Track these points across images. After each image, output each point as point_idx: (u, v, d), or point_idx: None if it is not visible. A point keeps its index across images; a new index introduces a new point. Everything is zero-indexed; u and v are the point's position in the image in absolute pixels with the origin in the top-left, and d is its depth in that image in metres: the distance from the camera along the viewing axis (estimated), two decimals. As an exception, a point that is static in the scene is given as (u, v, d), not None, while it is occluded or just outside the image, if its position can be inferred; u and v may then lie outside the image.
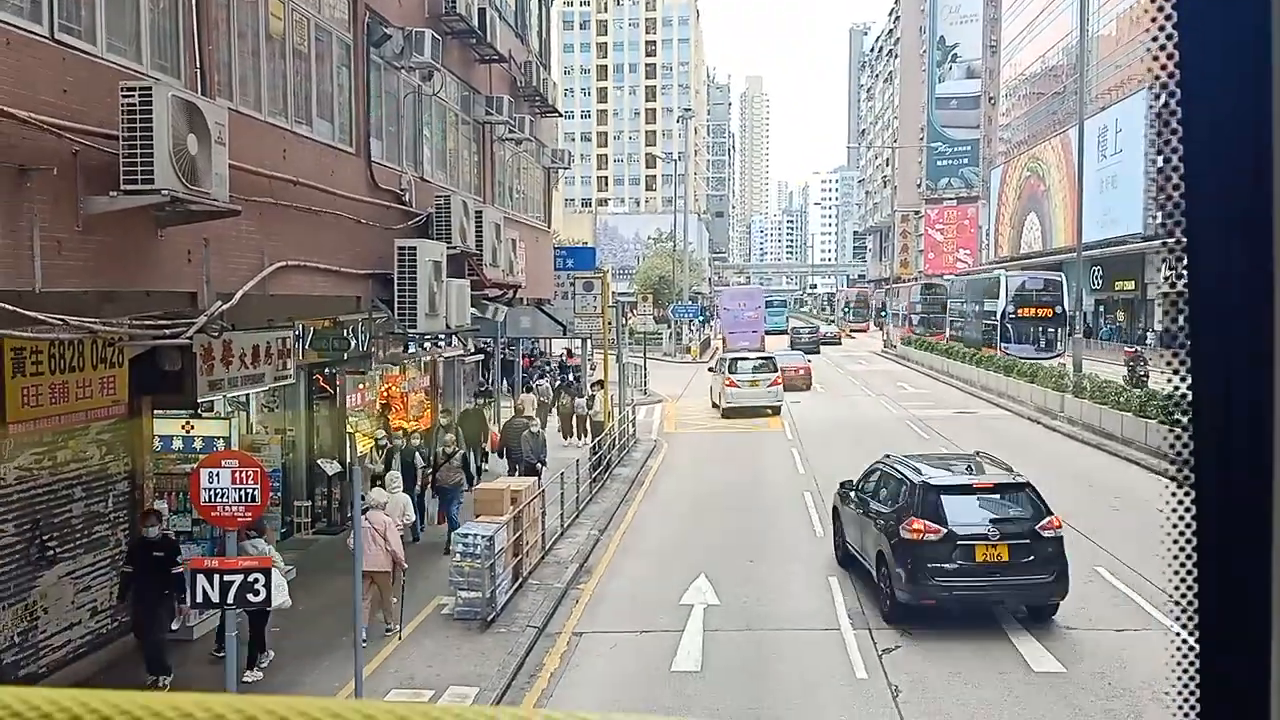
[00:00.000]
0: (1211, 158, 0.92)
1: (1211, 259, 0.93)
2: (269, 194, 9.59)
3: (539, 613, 12.93)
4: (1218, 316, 0.94)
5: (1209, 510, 0.97)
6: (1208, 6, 0.91)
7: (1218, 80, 0.91)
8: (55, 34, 6.92)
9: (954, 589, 12.02)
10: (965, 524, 12.07)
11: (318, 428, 16.86)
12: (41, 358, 8.12)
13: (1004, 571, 12.00)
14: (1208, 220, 0.93)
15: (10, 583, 9.32)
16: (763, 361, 34.23)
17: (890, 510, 12.83)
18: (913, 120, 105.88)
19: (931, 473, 13.07)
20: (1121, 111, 50.03)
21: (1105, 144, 52.56)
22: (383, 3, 13.16)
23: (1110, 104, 53.15)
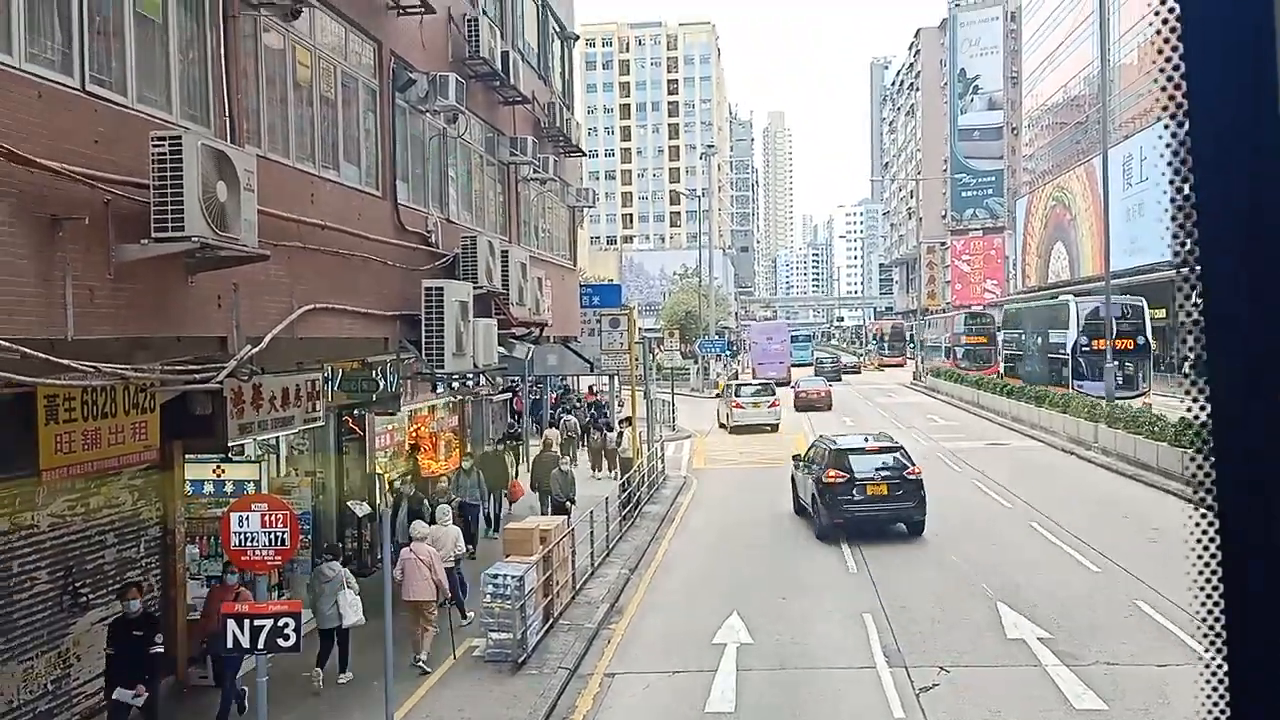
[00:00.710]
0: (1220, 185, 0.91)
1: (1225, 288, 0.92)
2: (297, 238, 9.70)
3: (570, 654, 12.82)
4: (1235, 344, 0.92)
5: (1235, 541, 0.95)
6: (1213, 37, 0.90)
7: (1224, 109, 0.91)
8: (86, 86, 7.07)
9: (855, 513, 18.52)
10: (861, 471, 18.61)
11: (347, 469, 16.91)
12: (74, 404, 8.21)
13: (884, 501, 18.65)
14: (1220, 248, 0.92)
15: (44, 629, 9.37)
16: (762, 387, 41.00)
17: (819, 467, 19.30)
18: (936, 152, 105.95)
19: (842, 442, 20.15)
20: (1145, 139, 49.81)
21: (1130, 172, 52.31)
22: (407, 48, 13.38)
23: (1134, 132, 52.94)
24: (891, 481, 18.64)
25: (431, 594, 12.46)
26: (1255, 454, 0.95)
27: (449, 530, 14.17)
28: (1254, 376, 0.93)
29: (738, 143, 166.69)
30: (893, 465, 18.96)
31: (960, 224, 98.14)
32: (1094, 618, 13.58)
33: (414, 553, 12.50)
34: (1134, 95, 54.53)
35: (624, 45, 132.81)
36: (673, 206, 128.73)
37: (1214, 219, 0.93)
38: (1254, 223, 0.91)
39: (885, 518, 18.77)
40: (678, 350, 59.62)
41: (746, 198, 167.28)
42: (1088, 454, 28.74)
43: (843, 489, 18.53)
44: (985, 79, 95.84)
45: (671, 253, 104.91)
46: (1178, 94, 0.92)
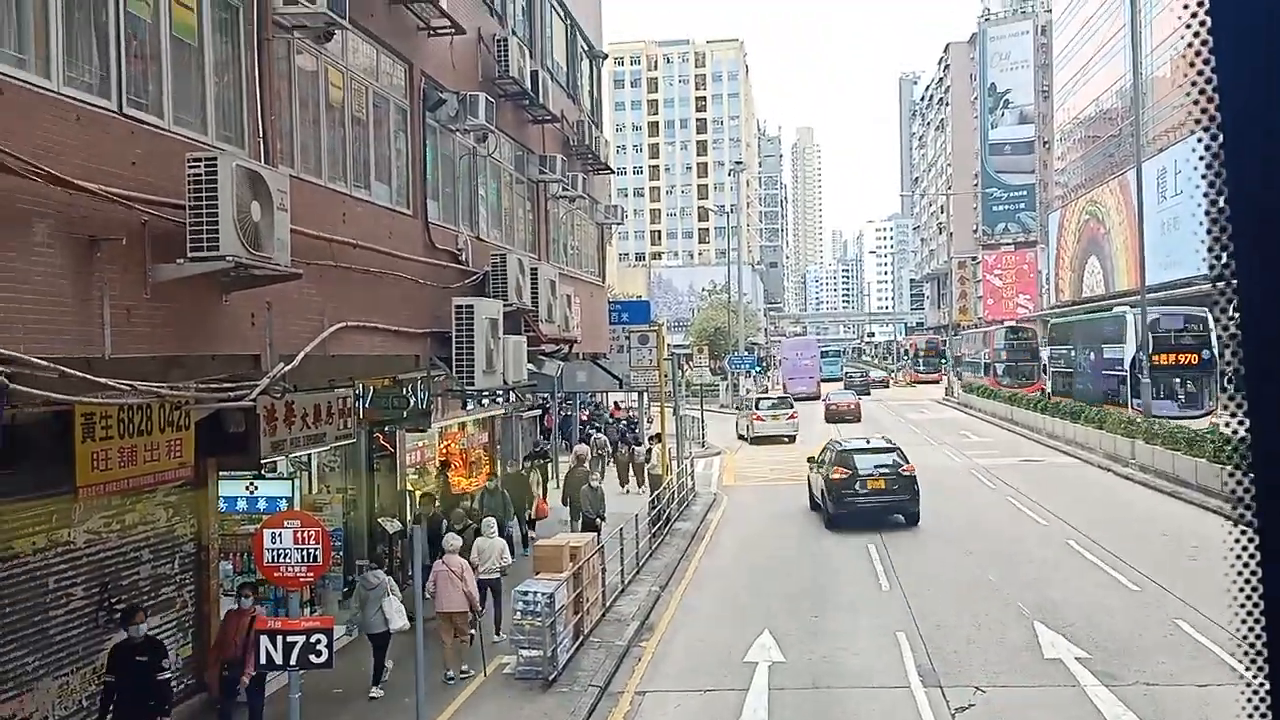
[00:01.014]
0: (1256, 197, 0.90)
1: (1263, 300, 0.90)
2: (329, 257, 9.80)
3: (601, 671, 12.77)
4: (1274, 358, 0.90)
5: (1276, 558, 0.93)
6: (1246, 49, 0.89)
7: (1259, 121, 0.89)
8: (124, 109, 7.20)
9: (857, 505, 21.10)
10: (863, 469, 21.34)
11: (378, 486, 17.00)
12: (111, 422, 8.32)
13: (882, 494, 21.25)
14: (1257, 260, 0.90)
15: (79, 645, 9.47)
16: (780, 400, 44.62)
17: (827, 466, 22.16)
18: (966, 167, 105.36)
19: (848, 443, 23.26)
20: (1179, 152, 49.26)
21: (1165, 185, 51.73)
22: (438, 69, 13.51)
23: (1168, 145, 52.38)
24: (889, 477, 21.41)
25: (464, 605, 12.65)
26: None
27: (494, 542, 14.39)
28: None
29: (766, 159, 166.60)
30: (890, 464, 21.71)
31: (992, 238, 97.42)
32: (1133, 637, 13.35)
33: (446, 565, 12.70)
34: (1168, 108, 53.99)
35: (652, 63, 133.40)
36: (701, 223, 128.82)
37: (1250, 231, 0.91)
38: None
39: (883, 509, 21.36)
40: (707, 366, 59.53)
41: (775, 213, 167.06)
42: (1125, 470, 28.34)
43: (847, 484, 21.29)
44: (1016, 93, 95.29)
45: (700, 269, 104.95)
46: (1210, 106, 0.91)
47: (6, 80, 6.09)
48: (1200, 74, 0.92)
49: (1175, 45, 51.24)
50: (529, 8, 18.87)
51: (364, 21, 11.09)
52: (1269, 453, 0.94)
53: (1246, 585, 0.99)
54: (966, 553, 18.94)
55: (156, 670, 9.01)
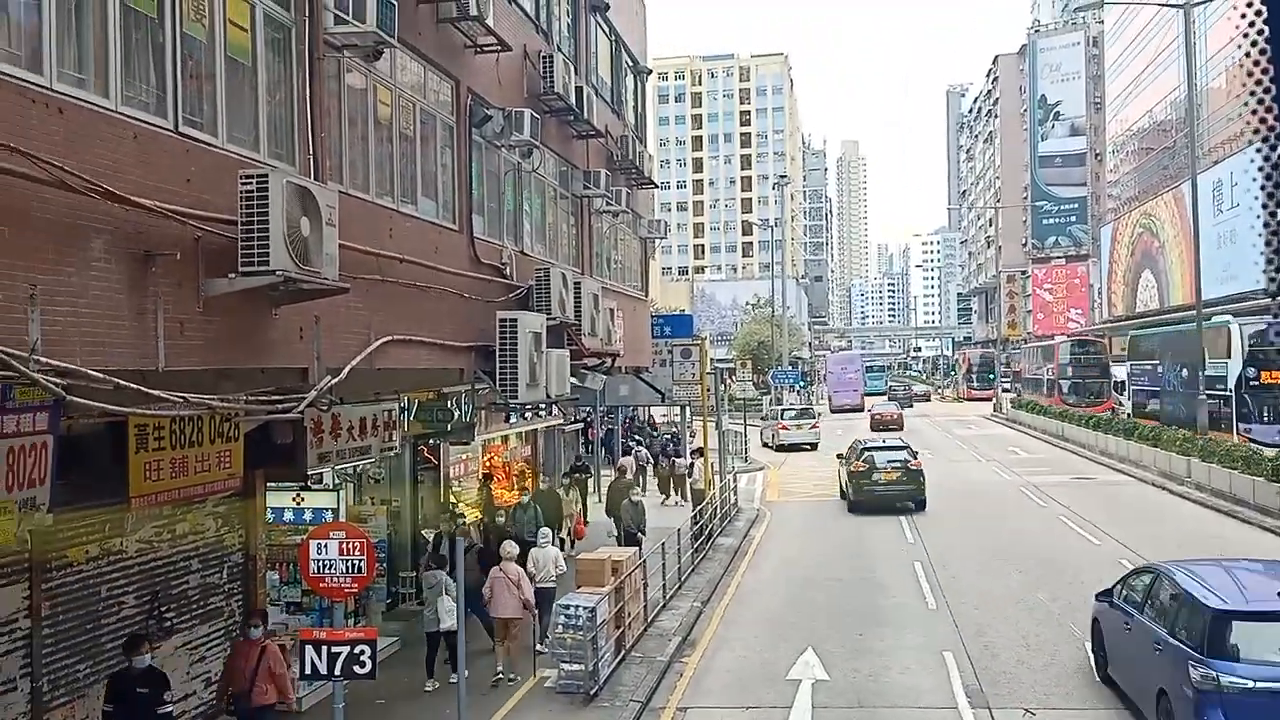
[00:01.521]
0: None
1: None
2: (376, 271, 9.92)
3: (642, 687, 12.72)
4: None
5: None
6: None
7: None
8: (180, 127, 7.36)
9: (874, 492, 25.46)
10: (879, 463, 25.83)
11: (422, 498, 17.13)
12: (163, 434, 8.48)
13: (894, 484, 25.49)
14: None
15: (130, 653, 9.62)
16: (803, 411, 49.06)
17: (851, 460, 27.04)
18: (1015, 179, 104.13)
19: (869, 443, 28.05)
20: (1236, 164, 48.24)
21: (1220, 198, 50.66)
22: (484, 86, 13.65)
23: (1223, 157, 51.33)
24: (900, 470, 25.71)
25: (519, 611, 13.02)
26: None
27: (548, 551, 14.70)
28: None
29: (811, 172, 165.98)
30: (901, 460, 26.08)
31: (1042, 252, 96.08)
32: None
33: (503, 572, 13.06)
34: (1223, 119, 52.96)
35: (696, 78, 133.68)
36: (745, 237, 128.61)
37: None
38: None
39: (895, 496, 25.51)
40: (750, 381, 59.29)
41: (820, 227, 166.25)
42: (1180, 489, 27.72)
43: (865, 475, 25.91)
44: (1066, 105, 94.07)
45: (744, 283, 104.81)
46: (1270, 116, 0.88)
47: (67, 100, 6.26)
48: (1259, 84, 0.89)
49: (1231, 56, 50.29)
50: (574, 25, 19.01)
51: (412, 40, 11.25)
52: None
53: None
54: (1017, 571, 18.62)
55: (157, 703, 8.53)
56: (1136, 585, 11.60)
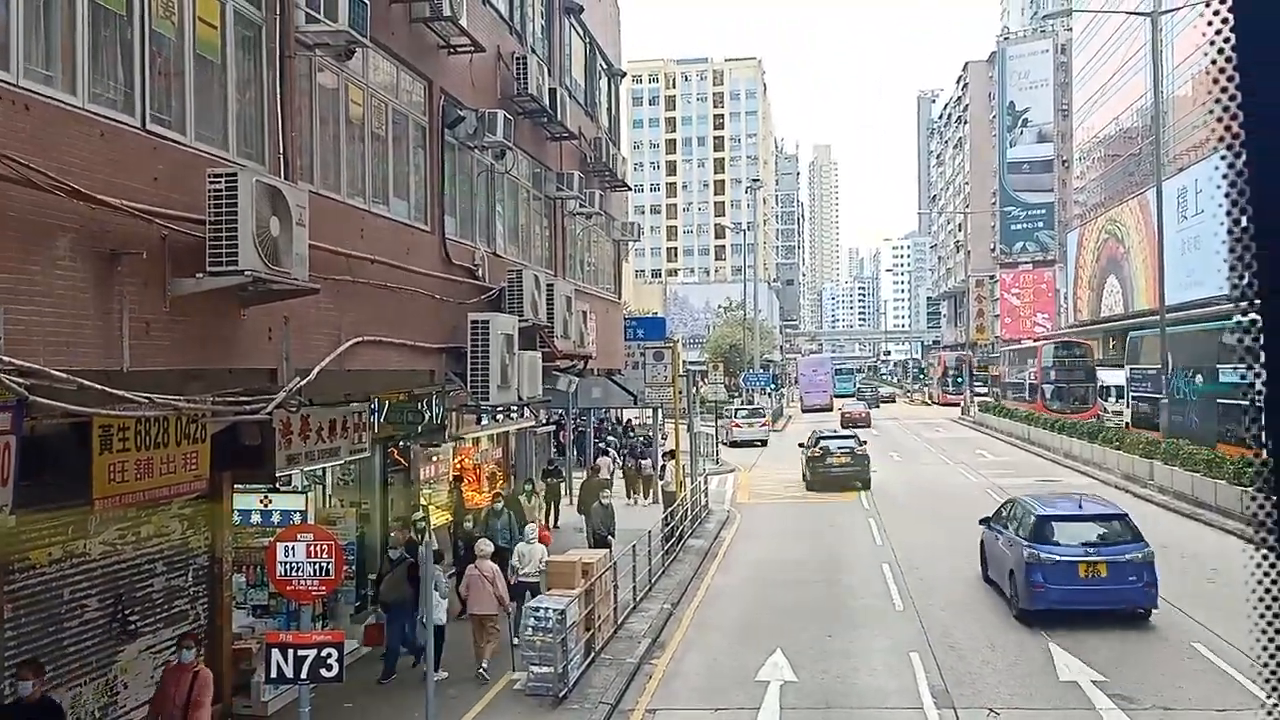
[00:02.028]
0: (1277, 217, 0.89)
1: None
2: (346, 272, 9.86)
3: (612, 689, 12.72)
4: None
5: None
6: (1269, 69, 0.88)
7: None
8: (147, 125, 7.28)
9: (829, 474, 30.40)
10: (832, 449, 31.32)
11: (392, 501, 17.02)
12: (128, 435, 8.37)
13: (844, 467, 30.53)
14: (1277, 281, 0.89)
15: (92, 656, 9.50)
16: (754, 411, 53.18)
17: (808, 448, 32.24)
18: (984, 185, 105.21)
19: (823, 433, 33.73)
20: (1201, 172, 49.03)
21: (1185, 205, 51.44)
22: (457, 86, 13.60)
23: (1188, 164, 52.14)
24: (849, 454, 31.28)
25: (495, 608, 13.29)
26: None
27: (534, 548, 15.03)
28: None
29: (783, 176, 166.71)
30: (850, 446, 31.76)
31: (1010, 257, 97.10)
32: (1150, 660, 13.20)
33: (479, 569, 13.39)
34: (1189, 127, 53.80)
35: (670, 81, 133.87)
36: (717, 240, 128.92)
37: (1273, 251, 0.90)
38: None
39: (845, 477, 30.78)
40: (722, 383, 59.64)
41: (792, 231, 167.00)
42: (1143, 491, 28.09)
43: (820, 459, 31.39)
44: (1035, 111, 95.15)
45: (716, 286, 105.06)
46: (1234, 124, 0.90)
47: (34, 97, 6.17)
48: (1224, 91, 0.91)
49: (1197, 64, 51.09)
50: (548, 26, 18.99)
51: (385, 40, 11.19)
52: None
53: (1267, 609, 0.97)
54: (982, 574, 18.79)
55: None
56: (1003, 512, 17.37)
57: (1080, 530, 15.35)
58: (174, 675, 9.23)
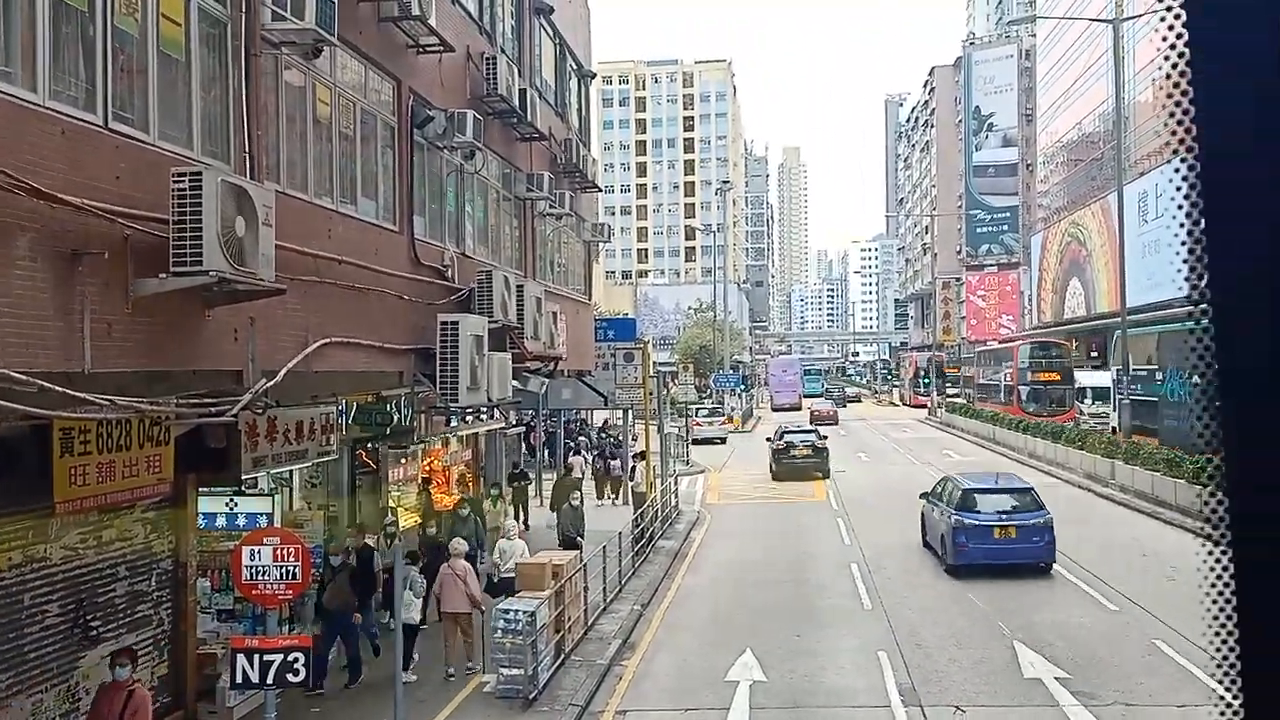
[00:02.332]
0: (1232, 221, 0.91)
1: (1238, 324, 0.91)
2: (314, 272, 9.78)
3: (582, 690, 12.70)
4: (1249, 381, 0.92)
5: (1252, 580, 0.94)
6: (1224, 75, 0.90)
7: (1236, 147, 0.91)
8: (109, 123, 7.18)
9: (792, 465, 33.55)
10: (795, 441, 34.67)
11: (360, 503, 16.90)
12: (89, 437, 8.25)
13: (807, 458, 33.75)
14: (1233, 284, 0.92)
15: (53, 663, 9.35)
16: (713, 410, 55.65)
17: (774, 441, 35.67)
18: (950, 188, 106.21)
19: (788, 428, 37.17)
20: (1160, 176, 49.84)
21: (1145, 208, 52.22)
22: (426, 86, 13.53)
23: (1148, 169, 52.98)
24: (810, 448, 34.33)
25: (467, 606, 13.34)
26: (1273, 491, 0.94)
27: (515, 544, 15.35)
28: (1269, 413, 0.93)
29: (753, 178, 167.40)
30: (812, 440, 34.88)
31: (975, 260, 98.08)
32: (1112, 657, 13.39)
33: (451, 569, 13.45)
34: (1149, 133, 54.64)
35: (640, 83, 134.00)
36: (688, 241, 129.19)
37: (1226, 257, 0.93)
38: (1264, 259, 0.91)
39: (807, 467, 33.68)
40: (692, 384, 59.92)
41: (761, 233, 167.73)
42: (1105, 490, 28.47)
43: (784, 451, 34.44)
44: (1000, 116, 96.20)
45: (686, 287, 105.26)
46: (1190, 136, 0.92)
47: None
48: (1178, 103, 0.93)
49: (1156, 71, 51.82)
50: (518, 27, 18.95)
51: (353, 38, 11.12)
52: (1244, 476, 0.95)
53: (1224, 606, 1.00)
54: (948, 573, 18.94)
55: None
56: (938, 488, 20.80)
57: (997, 501, 18.67)
58: (107, 694, 8.65)
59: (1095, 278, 63.81)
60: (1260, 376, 0.93)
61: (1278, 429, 0.92)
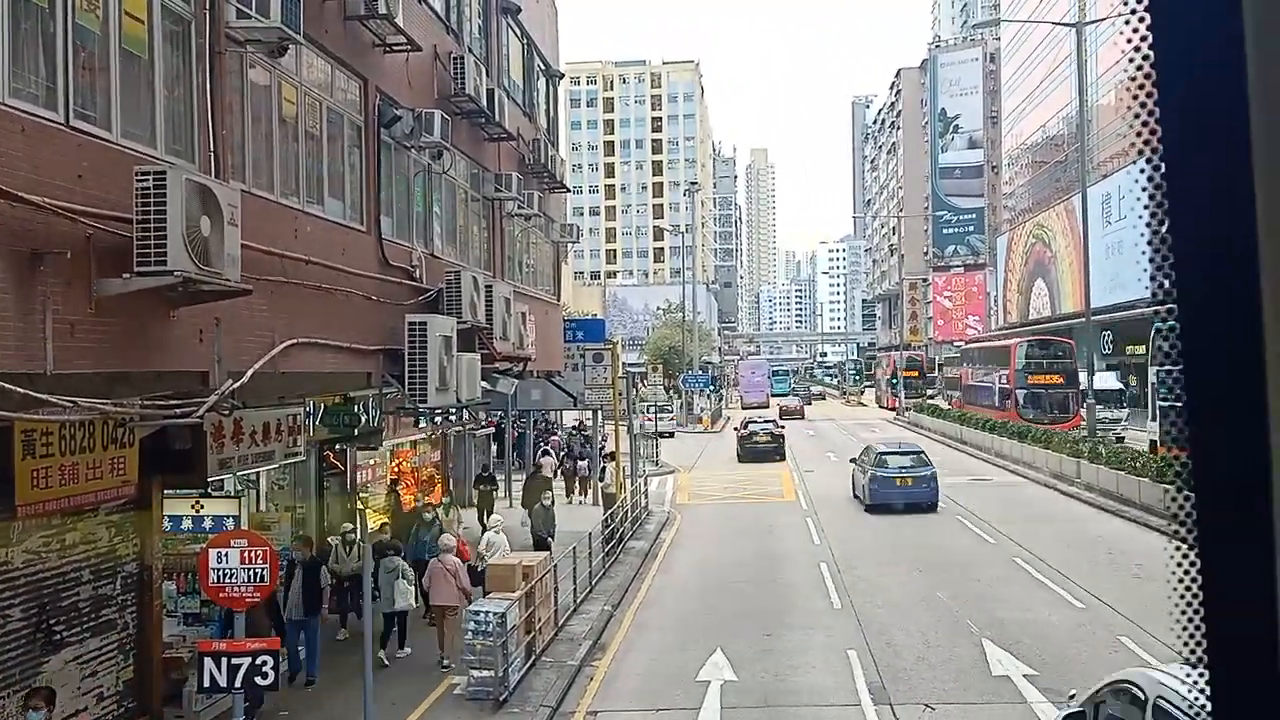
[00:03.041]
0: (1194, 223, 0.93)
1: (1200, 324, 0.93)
2: (280, 273, 9.69)
3: (553, 692, 12.68)
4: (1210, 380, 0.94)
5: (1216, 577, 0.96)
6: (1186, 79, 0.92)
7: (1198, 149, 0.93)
8: (70, 121, 7.08)
9: (754, 450, 40.79)
10: (756, 430, 42.07)
11: (328, 505, 16.77)
12: (52, 439, 8.12)
13: (765, 444, 41.03)
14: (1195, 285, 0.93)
15: (16, 668, 9.19)
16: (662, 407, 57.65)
17: (740, 430, 43.41)
18: (917, 189, 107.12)
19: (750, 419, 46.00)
20: (1123, 179, 50.58)
21: (1109, 210, 53.00)
22: (393, 86, 13.46)
23: (1112, 171, 53.75)
24: (769, 435, 41.38)
25: (456, 599, 13.80)
26: (1235, 489, 0.96)
27: (500, 538, 16.19)
28: (1231, 411, 0.95)
29: (721, 179, 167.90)
30: (770, 428, 42.00)
31: (942, 260, 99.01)
32: (1079, 654, 13.55)
33: (441, 563, 14.10)
34: (1112, 135, 55.45)
35: (608, 83, 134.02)
36: (656, 242, 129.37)
37: (1190, 258, 0.95)
38: (1227, 260, 0.93)
39: (766, 450, 40.41)
40: (661, 385, 60.07)
41: (730, 234, 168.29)
42: (1070, 489, 28.83)
43: (748, 438, 41.47)
44: (965, 118, 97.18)
45: (655, 288, 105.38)
46: (1154, 139, 0.94)
47: (-52, 89, 5.97)
48: (1143, 105, 0.95)
49: (1119, 74, 52.61)
50: (486, 26, 18.89)
51: (319, 37, 11.03)
52: (1208, 475, 0.97)
53: (1187, 604, 1.01)
54: (918, 570, 19.12)
55: None
56: (863, 452, 29.06)
57: (900, 460, 27.09)
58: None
59: (1060, 278, 64.64)
60: (1222, 373, 0.95)
61: (1241, 427, 0.94)
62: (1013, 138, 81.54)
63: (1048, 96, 68.75)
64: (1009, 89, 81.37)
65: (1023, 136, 77.60)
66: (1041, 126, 71.97)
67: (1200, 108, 0.93)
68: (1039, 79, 70.57)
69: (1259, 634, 0.93)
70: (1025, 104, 75.33)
